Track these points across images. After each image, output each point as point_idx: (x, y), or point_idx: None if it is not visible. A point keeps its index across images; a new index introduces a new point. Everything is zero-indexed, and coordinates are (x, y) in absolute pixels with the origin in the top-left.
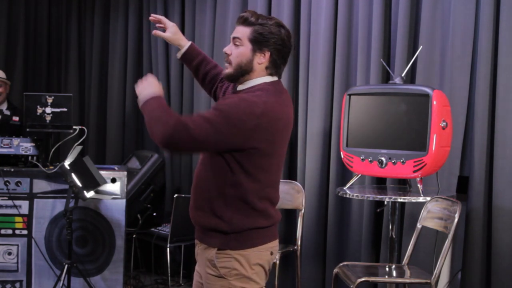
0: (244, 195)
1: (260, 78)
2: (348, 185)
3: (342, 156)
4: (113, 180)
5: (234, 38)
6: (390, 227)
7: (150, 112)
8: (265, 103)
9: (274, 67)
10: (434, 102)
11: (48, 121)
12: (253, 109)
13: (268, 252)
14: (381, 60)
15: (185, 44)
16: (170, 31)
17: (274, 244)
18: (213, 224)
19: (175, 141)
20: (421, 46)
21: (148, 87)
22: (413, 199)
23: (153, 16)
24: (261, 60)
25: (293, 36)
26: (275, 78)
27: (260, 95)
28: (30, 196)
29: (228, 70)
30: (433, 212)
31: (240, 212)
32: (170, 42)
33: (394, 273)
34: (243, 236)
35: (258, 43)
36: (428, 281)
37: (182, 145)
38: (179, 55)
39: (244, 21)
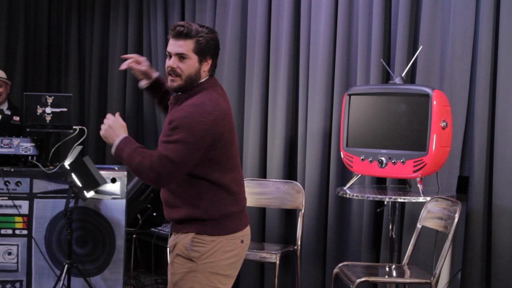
0: (216, 182)
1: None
2: (348, 185)
3: (342, 156)
4: (113, 180)
5: (177, 54)
6: (390, 227)
7: (128, 160)
8: (210, 99)
9: (213, 69)
10: (434, 102)
11: (48, 121)
12: (204, 108)
13: (239, 241)
14: (381, 60)
15: (155, 74)
16: (146, 63)
17: (246, 232)
18: (190, 214)
19: (167, 178)
20: (421, 46)
21: (111, 132)
22: (413, 199)
23: (125, 56)
24: (206, 67)
25: (293, 36)
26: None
27: (204, 95)
28: (30, 196)
29: (177, 82)
30: (433, 212)
31: (213, 199)
32: (143, 74)
33: (394, 273)
34: (219, 222)
35: (202, 53)
36: (428, 281)
37: (173, 176)
38: (146, 84)
39: (184, 35)
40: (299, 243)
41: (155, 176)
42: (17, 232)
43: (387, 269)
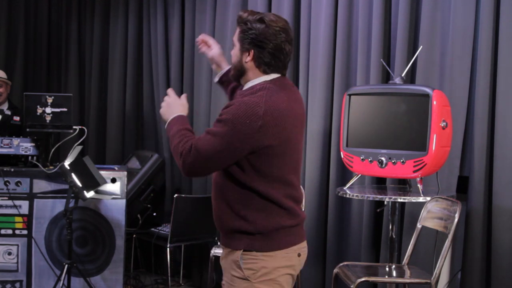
0: (265, 195)
1: (260, 78)
2: (348, 185)
3: (342, 156)
4: (113, 180)
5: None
6: (390, 227)
7: (170, 142)
8: (266, 102)
9: (264, 64)
10: (434, 102)
11: (48, 121)
12: (255, 110)
13: (296, 254)
14: (381, 60)
15: (226, 66)
16: (216, 49)
17: (303, 246)
18: (237, 225)
19: (194, 168)
20: (421, 46)
21: (167, 109)
22: (413, 199)
23: (203, 37)
24: (247, 58)
25: (293, 36)
26: (275, 75)
27: (261, 95)
28: (30, 196)
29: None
30: (433, 212)
31: (263, 212)
32: (214, 61)
33: (394, 273)
34: (270, 236)
35: (242, 41)
36: (428, 281)
37: (201, 168)
38: (218, 77)
39: (237, 21)
40: None
41: (182, 164)
42: (17, 232)
43: (387, 269)
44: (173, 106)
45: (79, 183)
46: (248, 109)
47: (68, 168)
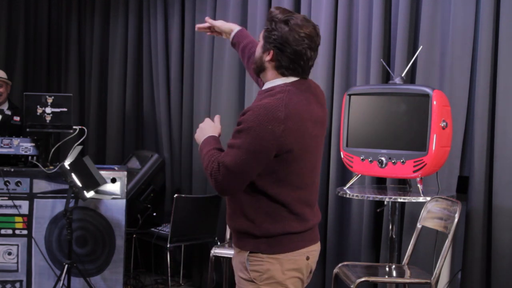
0: (275, 198)
1: (279, 79)
2: (348, 185)
3: (342, 156)
4: (113, 180)
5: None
6: (390, 227)
7: (202, 165)
8: (287, 105)
9: (282, 67)
10: (434, 102)
11: (48, 121)
12: (276, 114)
13: (304, 257)
14: (381, 60)
15: (235, 28)
16: (217, 22)
17: (312, 249)
18: (245, 227)
19: (228, 185)
20: (421, 46)
21: (200, 133)
22: (413, 199)
23: (200, 26)
24: (267, 58)
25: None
26: (294, 78)
27: (281, 98)
28: (30, 196)
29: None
30: (433, 212)
31: (271, 216)
32: (222, 30)
33: (394, 273)
34: (275, 240)
35: (265, 40)
36: (428, 281)
37: (234, 184)
38: (231, 41)
39: (267, 17)
40: None
41: (215, 183)
42: (17, 232)
43: (387, 269)
44: (204, 129)
45: (79, 183)
46: (269, 114)
47: (68, 168)
